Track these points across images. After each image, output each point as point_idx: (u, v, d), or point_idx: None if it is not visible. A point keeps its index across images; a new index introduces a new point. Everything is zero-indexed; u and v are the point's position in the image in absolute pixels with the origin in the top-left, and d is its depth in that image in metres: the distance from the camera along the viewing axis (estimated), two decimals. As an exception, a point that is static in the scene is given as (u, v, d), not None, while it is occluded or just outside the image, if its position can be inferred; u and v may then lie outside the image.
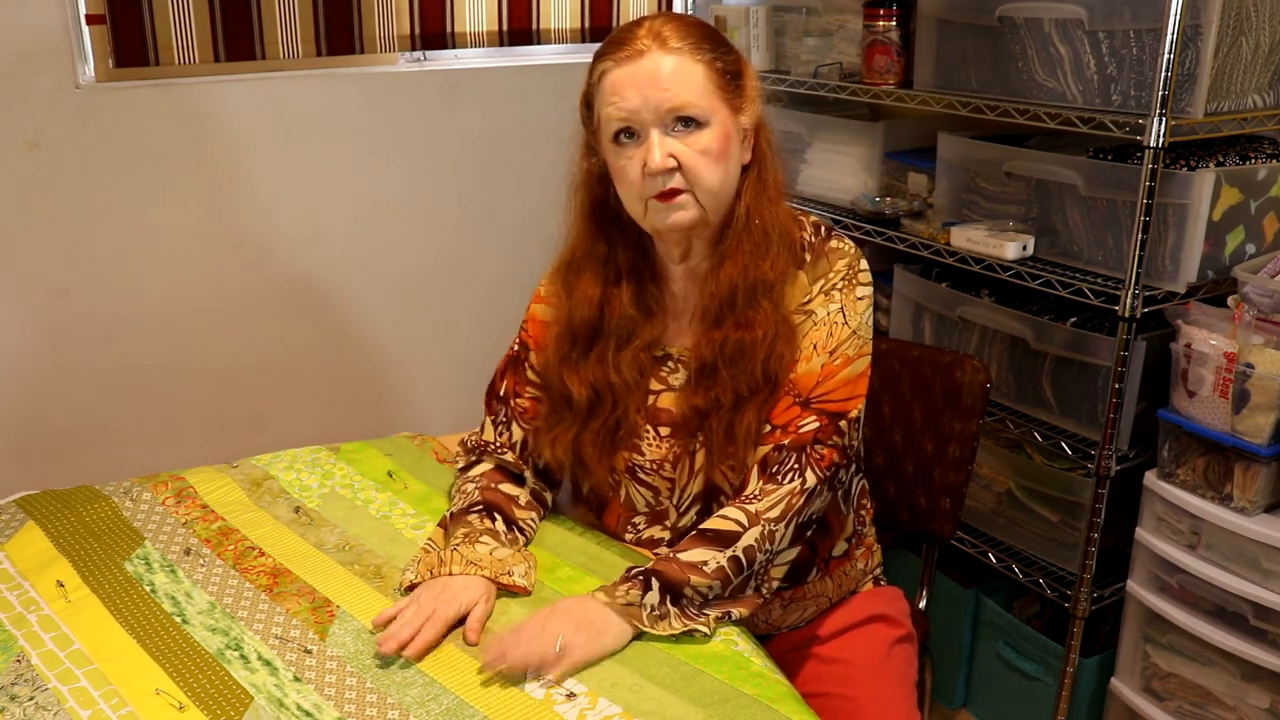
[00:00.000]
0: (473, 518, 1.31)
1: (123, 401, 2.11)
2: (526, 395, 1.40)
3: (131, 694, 1.07)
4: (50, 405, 2.05)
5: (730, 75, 1.23)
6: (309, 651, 1.14)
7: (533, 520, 1.37)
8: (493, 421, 1.42)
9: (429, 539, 1.33)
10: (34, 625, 1.18)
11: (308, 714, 1.05)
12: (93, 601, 1.22)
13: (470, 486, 1.37)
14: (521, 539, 1.34)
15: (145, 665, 1.11)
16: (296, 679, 1.10)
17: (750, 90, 1.27)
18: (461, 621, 1.18)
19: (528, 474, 1.41)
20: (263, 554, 1.33)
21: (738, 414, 1.26)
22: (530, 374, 1.40)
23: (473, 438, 1.44)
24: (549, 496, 1.43)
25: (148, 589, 1.25)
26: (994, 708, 2.13)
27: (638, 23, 1.23)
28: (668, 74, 1.18)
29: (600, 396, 1.31)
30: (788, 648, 1.41)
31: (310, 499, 1.47)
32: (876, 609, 1.44)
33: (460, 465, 1.44)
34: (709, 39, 1.22)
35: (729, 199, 1.26)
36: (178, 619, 1.19)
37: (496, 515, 1.32)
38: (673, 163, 1.19)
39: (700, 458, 1.30)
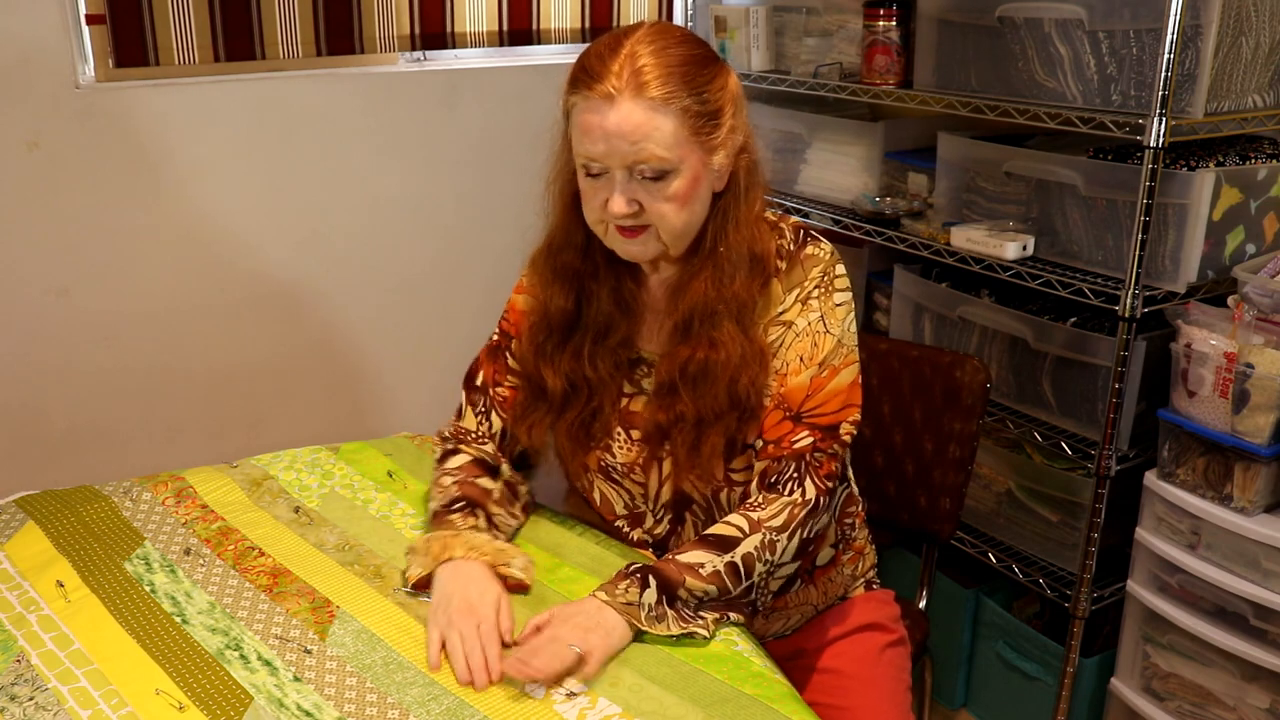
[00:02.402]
0: (455, 517, 1.29)
1: (123, 401, 2.11)
2: (506, 384, 1.38)
3: (131, 694, 1.07)
4: (50, 405, 2.05)
5: (706, 117, 1.18)
6: (309, 651, 1.14)
7: (505, 516, 1.35)
8: (474, 410, 1.40)
9: (422, 537, 1.29)
10: (34, 625, 1.18)
11: (308, 714, 1.05)
12: (93, 601, 1.22)
13: (448, 480, 1.34)
14: (501, 537, 1.31)
15: (145, 665, 1.11)
16: (296, 679, 1.10)
17: (727, 124, 1.21)
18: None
19: (504, 466, 1.39)
20: (263, 554, 1.33)
21: (701, 433, 1.24)
22: (511, 363, 1.39)
23: (450, 427, 1.41)
24: (524, 489, 1.41)
25: (147, 589, 1.25)
26: (994, 708, 2.13)
27: (615, 46, 1.17)
28: (636, 127, 1.14)
29: (576, 389, 1.30)
30: (778, 657, 1.39)
31: (310, 499, 1.47)
32: (867, 617, 1.43)
33: (437, 456, 1.40)
34: (687, 78, 1.16)
35: (694, 233, 1.24)
36: (178, 619, 1.19)
37: (479, 511, 1.30)
38: (635, 208, 1.18)
39: (667, 466, 1.29)
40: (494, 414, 1.39)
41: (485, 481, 1.35)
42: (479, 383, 1.40)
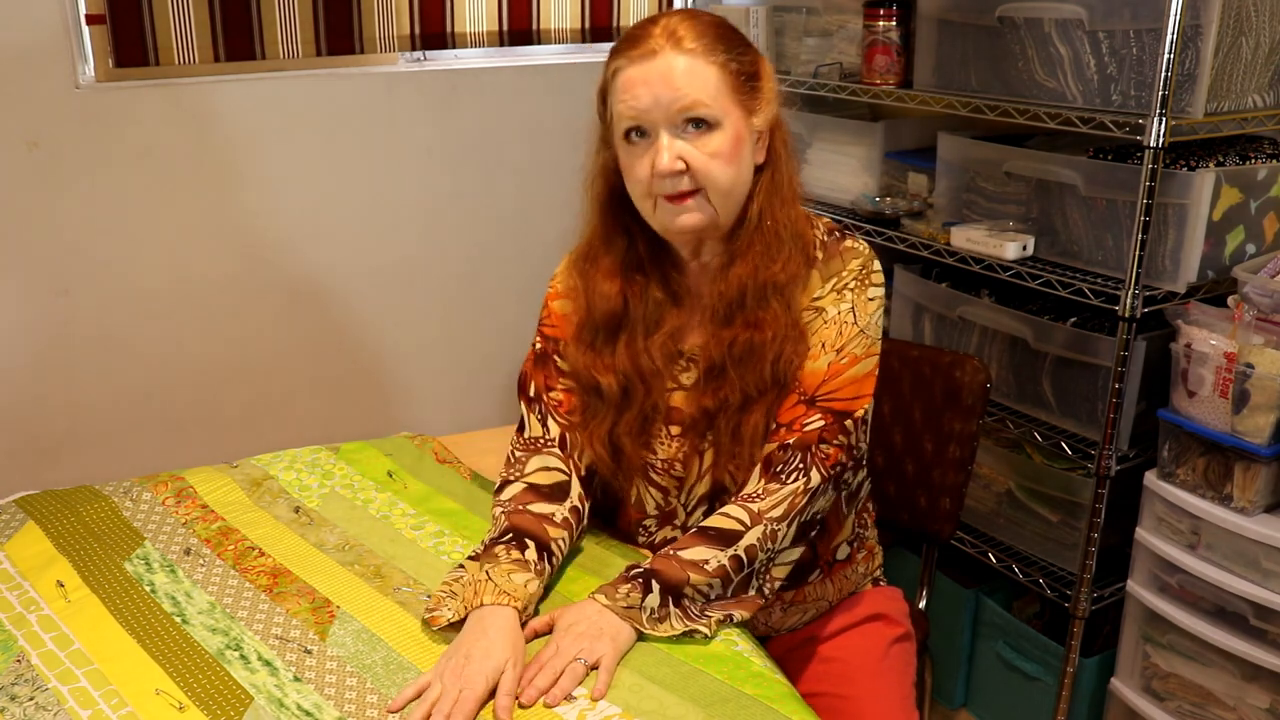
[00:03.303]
0: (499, 550, 1.22)
1: (123, 401, 2.11)
2: (559, 388, 1.36)
3: (131, 694, 1.07)
4: (50, 405, 2.05)
5: (745, 77, 1.22)
6: (309, 651, 1.14)
7: (564, 540, 1.28)
8: (535, 418, 1.36)
9: (460, 565, 1.24)
10: (34, 625, 1.18)
11: (308, 714, 1.05)
12: (93, 601, 1.22)
13: (498, 511, 1.30)
14: (549, 568, 1.25)
15: (145, 665, 1.11)
16: (296, 679, 1.10)
17: (766, 92, 1.25)
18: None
19: (574, 484, 1.33)
20: (263, 554, 1.33)
21: (745, 414, 1.25)
22: (561, 364, 1.36)
23: (517, 444, 1.36)
24: (587, 507, 1.36)
25: (148, 589, 1.25)
26: (994, 708, 2.13)
27: (653, 20, 1.23)
28: (680, 74, 1.18)
29: (631, 385, 1.30)
30: (786, 648, 1.41)
31: (310, 499, 1.47)
32: (875, 609, 1.44)
33: (496, 485, 1.35)
34: (724, 39, 1.21)
35: (741, 200, 1.26)
36: (178, 619, 1.19)
37: (528, 543, 1.24)
38: (681, 165, 1.19)
39: (709, 457, 1.29)
40: (550, 420, 1.35)
41: (541, 506, 1.29)
42: (532, 393, 1.37)
